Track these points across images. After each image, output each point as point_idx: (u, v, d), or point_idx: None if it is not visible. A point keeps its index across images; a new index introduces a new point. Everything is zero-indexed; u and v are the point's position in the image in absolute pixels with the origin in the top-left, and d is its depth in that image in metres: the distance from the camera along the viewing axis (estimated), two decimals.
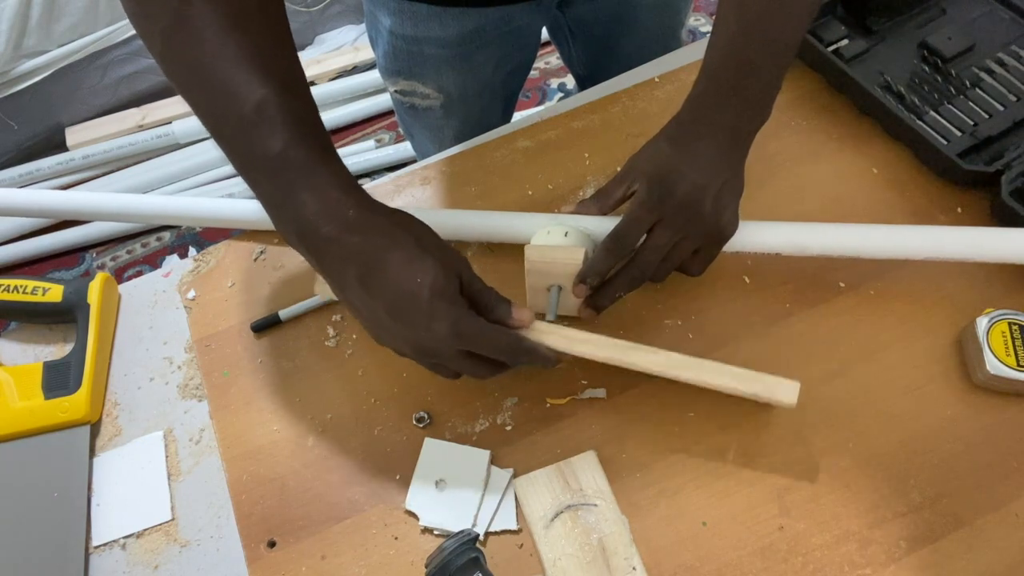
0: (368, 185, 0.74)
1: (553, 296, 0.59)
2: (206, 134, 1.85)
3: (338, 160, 0.50)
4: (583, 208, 0.63)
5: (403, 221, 0.51)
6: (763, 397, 0.54)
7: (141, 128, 1.87)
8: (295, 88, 0.49)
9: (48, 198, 0.74)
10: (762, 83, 0.57)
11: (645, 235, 0.58)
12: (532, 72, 1.96)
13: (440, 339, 0.49)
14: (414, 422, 0.60)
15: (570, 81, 1.95)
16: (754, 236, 0.61)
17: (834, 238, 0.60)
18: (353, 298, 0.50)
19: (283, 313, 0.66)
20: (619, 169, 0.62)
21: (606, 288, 0.58)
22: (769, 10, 0.54)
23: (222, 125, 0.48)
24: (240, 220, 0.71)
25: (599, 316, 0.60)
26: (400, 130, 1.68)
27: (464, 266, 0.52)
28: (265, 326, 0.66)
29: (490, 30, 0.81)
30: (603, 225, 0.61)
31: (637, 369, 0.55)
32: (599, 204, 0.62)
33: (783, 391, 0.53)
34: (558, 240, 0.59)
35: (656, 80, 0.77)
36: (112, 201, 0.73)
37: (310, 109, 0.50)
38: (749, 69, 0.56)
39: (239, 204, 0.70)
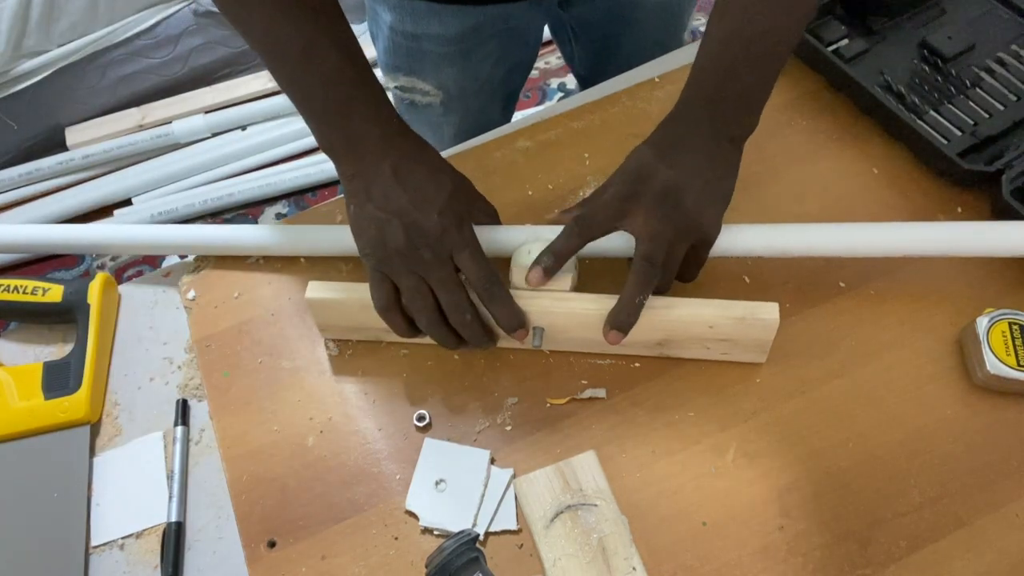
0: None
1: (536, 337, 0.59)
2: (206, 134, 1.86)
3: (378, 83, 0.59)
4: (566, 219, 0.62)
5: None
6: (747, 321, 0.56)
7: (141, 128, 1.87)
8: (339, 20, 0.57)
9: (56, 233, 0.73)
10: (745, 90, 0.56)
11: (632, 237, 0.56)
12: (532, 72, 1.95)
13: (445, 230, 0.55)
14: (414, 422, 0.60)
15: (570, 81, 1.95)
16: (749, 240, 0.60)
17: (832, 239, 0.60)
18: (377, 191, 0.56)
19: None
20: None
21: (621, 302, 0.55)
22: (753, 18, 0.54)
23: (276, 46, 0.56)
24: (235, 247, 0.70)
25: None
26: None
27: None
28: None
29: (489, 28, 0.81)
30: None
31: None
32: None
33: (764, 310, 0.56)
34: None
35: (656, 80, 0.77)
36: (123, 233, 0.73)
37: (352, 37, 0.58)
38: (732, 76, 0.56)
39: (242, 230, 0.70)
